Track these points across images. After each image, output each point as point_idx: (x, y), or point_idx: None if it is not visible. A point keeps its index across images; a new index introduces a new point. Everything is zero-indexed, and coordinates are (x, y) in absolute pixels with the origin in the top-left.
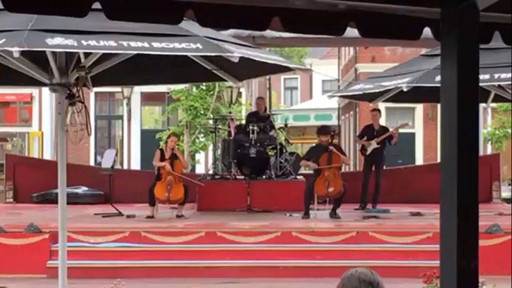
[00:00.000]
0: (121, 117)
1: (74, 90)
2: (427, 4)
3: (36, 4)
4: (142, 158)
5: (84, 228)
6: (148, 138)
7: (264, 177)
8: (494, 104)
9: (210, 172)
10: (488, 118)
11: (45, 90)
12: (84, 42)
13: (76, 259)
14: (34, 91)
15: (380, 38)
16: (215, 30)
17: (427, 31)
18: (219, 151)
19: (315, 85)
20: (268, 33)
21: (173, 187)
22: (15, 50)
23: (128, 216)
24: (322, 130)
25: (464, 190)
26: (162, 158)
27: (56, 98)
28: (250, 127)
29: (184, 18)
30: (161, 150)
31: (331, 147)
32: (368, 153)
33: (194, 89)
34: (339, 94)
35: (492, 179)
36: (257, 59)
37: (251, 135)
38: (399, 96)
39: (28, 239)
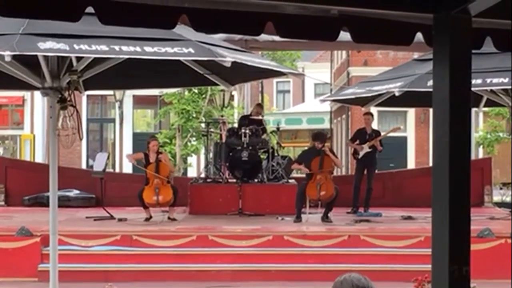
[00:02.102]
0: (113, 120)
1: (66, 94)
2: (419, 10)
3: (29, 8)
4: None
5: (76, 232)
6: (140, 141)
7: (256, 180)
8: (485, 108)
9: (202, 175)
10: (480, 122)
11: (37, 93)
12: (76, 46)
13: (68, 262)
14: (26, 94)
15: (373, 43)
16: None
17: (419, 36)
18: (211, 155)
19: (307, 89)
20: (261, 36)
21: (161, 190)
22: (7, 54)
23: (120, 220)
24: (318, 137)
25: (456, 196)
26: (148, 162)
27: (47, 102)
28: (242, 131)
29: (178, 23)
30: (145, 154)
31: (324, 148)
32: (360, 157)
33: (186, 92)
34: (331, 99)
35: (483, 183)
36: (249, 64)
37: (243, 139)
38: (391, 100)
39: (19, 242)
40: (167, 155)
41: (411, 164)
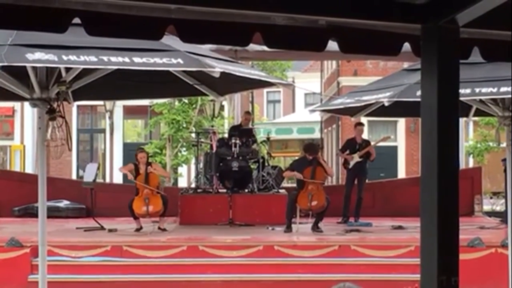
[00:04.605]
0: (103, 131)
1: (55, 105)
2: (407, 20)
3: (17, 20)
4: None
5: (66, 242)
6: (131, 152)
7: (246, 190)
8: (476, 118)
9: (193, 185)
10: (470, 131)
11: (27, 103)
12: (64, 57)
13: (58, 273)
14: (16, 104)
15: (361, 53)
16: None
17: (408, 45)
18: (201, 165)
19: (297, 99)
20: (251, 46)
21: (151, 200)
22: None
23: (110, 230)
24: (310, 148)
25: (444, 206)
26: (137, 173)
27: (37, 112)
28: (233, 141)
29: (166, 33)
30: (135, 164)
31: (317, 157)
32: (350, 166)
33: (177, 102)
34: (320, 109)
35: (474, 192)
36: (238, 74)
37: (233, 149)
38: (381, 110)
39: (9, 253)
40: (157, 164)
41: (401, 173)
